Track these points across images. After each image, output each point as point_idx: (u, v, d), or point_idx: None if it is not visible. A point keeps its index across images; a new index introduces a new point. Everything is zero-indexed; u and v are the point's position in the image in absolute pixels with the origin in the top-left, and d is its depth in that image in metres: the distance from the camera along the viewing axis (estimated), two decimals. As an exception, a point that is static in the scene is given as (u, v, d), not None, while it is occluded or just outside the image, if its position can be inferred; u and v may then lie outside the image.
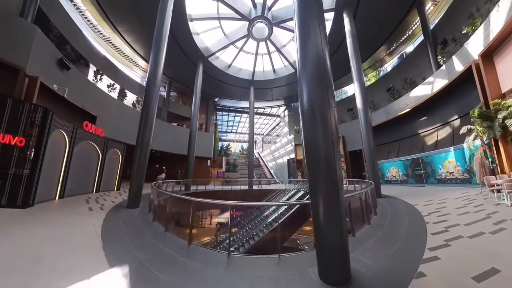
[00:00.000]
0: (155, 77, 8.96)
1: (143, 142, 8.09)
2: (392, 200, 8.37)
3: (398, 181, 14.09)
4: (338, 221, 2.76)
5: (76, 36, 13.65)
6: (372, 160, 9.75)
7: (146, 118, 8.31)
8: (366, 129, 10.06)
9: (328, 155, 2.92)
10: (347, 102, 22.44)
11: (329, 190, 2.87)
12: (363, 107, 10.27)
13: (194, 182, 17.20)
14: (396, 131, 15.29)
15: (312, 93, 3.31)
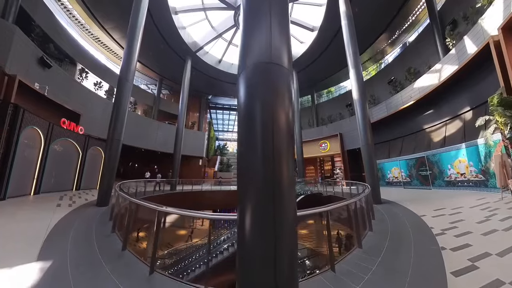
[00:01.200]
0: (128, 72, 8.68)
1: (113, 139, 7.95)
2: (393, 207, 6.94)
3: (401, 183, 12.63)
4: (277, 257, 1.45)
5: (60, 35, 13.32)
6: (370, 160, 8.34)
7: (117, 114, 8.11)
8: (363, 123, 8.64)
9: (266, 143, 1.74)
10: (346, 98, 20.99)
11: (267, 206, 1.57)
12: (360, 98, 8.86)
13: (180, 182, 16.60)
14: (398, 127, 13.82)
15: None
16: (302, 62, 18.46)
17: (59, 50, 13.08)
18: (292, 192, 1.77)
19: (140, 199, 4.08)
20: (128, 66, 8.78)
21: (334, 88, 25.13)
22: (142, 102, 23.56)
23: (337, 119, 20.89)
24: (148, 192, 11.91)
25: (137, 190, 10.43)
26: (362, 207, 4.73)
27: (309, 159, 22.93)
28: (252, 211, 1.66)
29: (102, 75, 17.63)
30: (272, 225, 1.58)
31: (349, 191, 10.05)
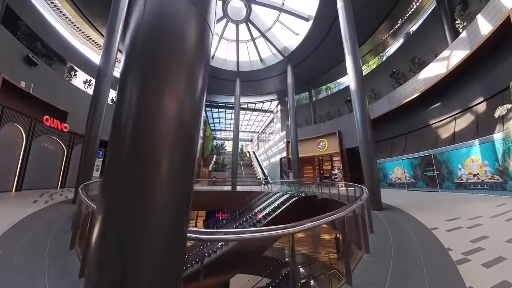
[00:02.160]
0: (107, 67, 8.56)
1: (90, 135, 7.90)
2: (396, 216, 5.82)
3: (404, 184, 11.47)
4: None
5: (48, 33, 13.16)
6: (370, 159, 7.23)
7: (94, 110, 8.07)
8: (361, 116, 7.54)
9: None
10: (345, 93, 19.78)
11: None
12: (358, 88, 7.76)
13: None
14: (401, 123, 12.65)
15: None
16: (298, 55, 17.32)
17: (47, 48, 12.90)
18: (182, 201, 1.46)
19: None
20: (107, 61, 8.59)
21: (333, 84, 23.95)
22: None
23: (336, 116, 19.71)
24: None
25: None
26: (355, 221, 3.65)
27: (307, 158, 21.81)
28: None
29: (92, 73, 16.88)
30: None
31: (346, 193, 8.90)
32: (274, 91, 24.46)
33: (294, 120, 16.48)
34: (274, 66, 18.93)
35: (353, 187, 8.12)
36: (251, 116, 34.58)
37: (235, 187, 16.90)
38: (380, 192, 6.88)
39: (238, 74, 19.99)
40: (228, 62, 20.43)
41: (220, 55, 20.50)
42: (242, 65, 20.21)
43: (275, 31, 17.43)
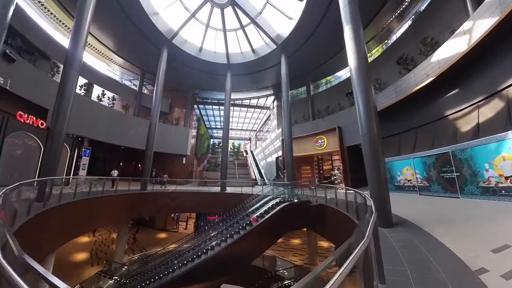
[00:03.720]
0: (74, 59, 8.19)
1: (55, 131, 7.67)
2: (415, 239, 4.06)
3: (415, 188, 9.67)
4: None
5: (29, 29, 12.77)
6: (375, 157, 5.57)
7: (60, 105, 7.81)
8: (363, 101, 5.91)
9: None
10: (345, 85, 18.00)
11: None
12: (358, 65, 6.17)
13: (155, 181, 15.54)
14: (410, 116, 10.84)
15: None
16: (292, 43, 15.60)
17: (29, 44, 12.68)
18: None
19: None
20: (74, 53, 8.19)
21: (333, 78, 22.13)
22: (123, 98, 21.65)
23: (336, 110, 17.93)
24: (96, 192, 10.13)
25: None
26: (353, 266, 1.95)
27: (305, 158, 20.05)
28: None
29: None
30: None
31: (345, 198, 7.11)
32: (270, 85, 22.78)
33: (288, 115, 14.76)
34: (268, 56, 17.25)
35: (352, 191, 6.42)
36: (247, 113, 33.00)
37: (224, 189, 15.30)
38: (389, 200, 5.17)
39: (228, 67, 18.37)
40: (218, 55, 18.83)
41: (209, 47, 18.92)
42: (233, 57, 18.59)
43: (266, 15, 15.70)
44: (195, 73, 20.22)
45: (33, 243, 5.88)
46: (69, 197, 8.07)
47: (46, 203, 6.79)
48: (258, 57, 17.74)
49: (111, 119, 16.80)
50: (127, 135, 17.55)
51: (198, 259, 8.38)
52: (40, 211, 6.18)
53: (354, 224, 5.23)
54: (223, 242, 8.52)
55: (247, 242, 8.52)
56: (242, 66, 18.79)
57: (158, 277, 8.73)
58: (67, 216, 7.76)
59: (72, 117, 13.03)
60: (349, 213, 5.97)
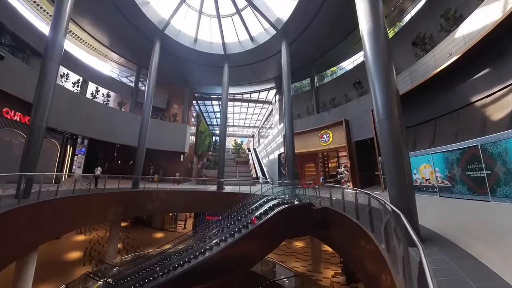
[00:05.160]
0: (53, 50, 7.97)
1: (34, 125, 7.48)
2: (452, 261, 2.86)
3: (435, 189, 8.27)
4: None
5: (20, 26, 12.77)
6: (397, 149, 4.14)
7: (38, 99, 7.60)
8: (381, 79, 4.50)
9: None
10: (353, 75, 16.47)
11: None
12: (373, 28, 4.77)
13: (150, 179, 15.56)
14: (428, 105, 9.35)
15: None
16: (294, 27, 14.16)
17: (19, 41, 12.80)
18: None
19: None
20: (54, 43, 7.99)
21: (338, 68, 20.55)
22: (119, 94, 21.10)
23: (343, 102, 16.44)
24: (83, 190, 10.17)
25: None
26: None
27: (308, 154, 18.81)
28: None
29: (72, 68, 16.89)
30: None
31: (355, 200, 5.77)
32: (271, 77, 21.42)
33: (289, 107, 13.46)
34: (268, 44, 15.88)
35: (363, 195, 5.18)
36: (248, 109, 31.77)
37: (221, 188, 14.36)
38: (415, 208, 3.89)
39: (226, 58, 17.20)
40: (215, 46, 17.69)
41: (205, 37, 17.80)
42: (230, 46, 17.40)
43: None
44: (191, 66, 19.24)
45: (10, 236, 6.04)
46: (52, 195, 7.85)
47: (21, 200, 6.49)
48: (257, 45, 16.40)
49: (105, 116, 16.28)
50: (122, 132, 16.95)
51: (188, 264, 7.81)
52: (12, 208, 6.03)
53: (367, 236, 4.13)
54: (215, 246, 7.83)
55: (239, 249, 7.61)
56: (241, 57, 17.53)
57: (148, 280, 8.20)
58: (46, 214, 7.55)
59: (65, 114, 13.19)
60: (361, 221, 4.80)
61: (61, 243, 14.55)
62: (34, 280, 7.94)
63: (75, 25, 15.71)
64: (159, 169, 18.74)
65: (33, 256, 7.64)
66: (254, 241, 7.82)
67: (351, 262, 6.39)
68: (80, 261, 12.45)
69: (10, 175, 7.19)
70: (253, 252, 8.14)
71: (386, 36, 4.82)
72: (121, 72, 24.38)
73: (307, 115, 19.57)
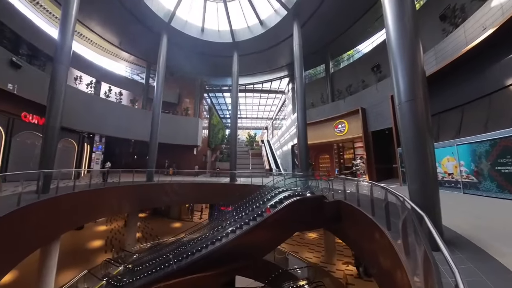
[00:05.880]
0: (62, 54, 8.36)
1: (48, 126, 7.96)
2: (479, 270, 2.47)
3: (458, 184, 7.48)
4: None
5: (34, 34, 13.44)
6: (420, 137, 3.52)
7: (51, 101, 8.05)
8: (403, 55, 3.75)
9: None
10: (371, 58, 15.31)
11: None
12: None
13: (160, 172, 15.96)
14: (455, 90, 8.37)
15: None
16: (306, 6, 13.18)
17: (34, 49, 13.49)
18: None
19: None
20: (62, 47, 8.37)
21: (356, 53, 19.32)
22: (131, 92, 21.77)
23: (360, 88, 15.44)
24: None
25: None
26: None
27: (323, 145, 18.22)
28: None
29: (84, 69, 17.74)
30: None
31: (370, 194, 5.38)
32: (284, 64, 20.62)
33: (302, 94, 12.82)
34: (278, 27, 15.01)
35: (381, 190, 4.79)
36: (261, 99, 31.20)
37: (234, 180, 14.46)
38: (439, 206, 3.40)
39: (235, 47, 16.74)
40: (223, 34, 17.28)
41: (212, 26, 17.40)
42: (239, 33, 16.84)
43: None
44: (200, 57, 19.07)
45: (33, 227, 6.60)
46: (70, 190, 8.53)
47: (40, 195, 7.09)
48: (267, 29, 15.57)
49: (119, 114, 16.98)
50: (136, 128, 17.57)
51: (199, 253, 8.16)
52: (32, 202, 6.52)
53: (382, 234, 3.86)
54: (224, 238, 8.03)
55: (249, 239, 7.71)
56: (250, 44, 16.88)
57: (164, 266, 8.65)
58: (64, 207, 8.12)
59: (80, 115, 13.97)
60: (376, 217, 4.53)
61: (84, 233, 15.76)
62: (59, 266, 8.66)
63: (85, 28, 16.34)
64: (173, 163, 19.24)
65: (55, 245, 8.32)
66: (264, 232, 7.81)
67: (364, 257, 6.16)
68: (101, 249, 13.40)
69: (28, 172, 7.74)
70: (262, 243, 8.19)
71: (413, 3, 3.99)
72: (133, 70, 25.03)
73: (321, 104, 18.78)
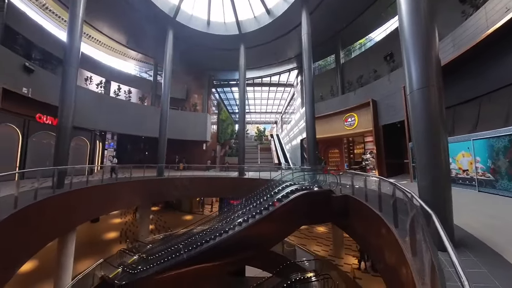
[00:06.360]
0: (70, 57, 8.64)
1: (61, 126, 8.37)
2: (492, 274, 2.35)
3: (473, 182, 7.01)
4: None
5: (44, 39, 14.04)
6: (432, 129, 3.30)
7: (63, 102, 8.47)
8: (415, 34, 3.53)
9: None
10: (383, 46, 14.49)
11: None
12: None
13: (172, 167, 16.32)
14: (472, 80, 7.70)
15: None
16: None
17: (46, 53, 14.18)
18: None
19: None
20: (71, 50, 8.64)
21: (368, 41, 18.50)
22: (140, 90, 22.30)
23: (371, 80, 14.72)
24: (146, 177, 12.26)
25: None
26: None
27: (332, 139, 17.94)
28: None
29: (92, 69, 18.27)
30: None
31: (378, 189, 5.26)
32: (292, 56, 20.11)
33: (310, 87, 12.36)
34: (286, 15, 14.50)
35: (389, 186, 4.65)
36: (269, 93, 30.87)
37: (242, 174, 14.61)
38: (451, 204, 3.21)
39: (241, 39, 16.47)
40: (229, 26, 17.04)
41: (218, 18, 17.19)
42: (245, 24, 16.51)
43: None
44: (207, 52, 18.97)
45: (49, 219, 7.10)
46: (84, 185, 9.07)
47: (55, 190, 7.48)
48: (275, 18, 15.07)
49: (128, 112, 17.51)
50: (145, 125, 18.02)
51: (207, 244, 8.41)
52: (47, 196, 6.94)
53: (389, 231, 3.79)
54: (231, 230, 8.21)
55: (254, 231, 7.91)
56: (257, 35, 16.47)
57: (175, 255, 8.96)
58: (78, 201, 8.63)
59: (91, 114, 14.57)
60: (384, 214, 4.48)
61: (100, 225, 16.65)
62: (78, 256, 9.27)
63: (94, 29, 16.85)
64: (183, 158, 19.67)
65: (72, 235, 8.95)
66: (270, 225, 7.94)
67: (371, 253, 6.14)
68: (116, 240, 14.10)
69: (43, 169, 8.10)
70: (268, 235, 8.36)
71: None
72: (141, 68, 25.53)
73: (331, 97, 18.31)
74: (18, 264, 5.99)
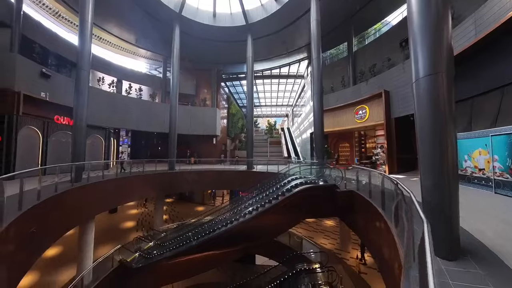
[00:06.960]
0: (82, 61, 9.09)
1: (76, 125, 8.98)
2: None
3: (489, 182, 6.38)
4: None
5: (59, 45, 14.83)
6: (440, 123, 2.94)
7: (77, 102, 8.94)
8: (423, 18, 3.11)
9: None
10: (399, 31, 13.44)
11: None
12: None
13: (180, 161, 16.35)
14: (493, 67, 6.90)
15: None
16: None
17: (60, 58, 14.97)
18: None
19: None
20: (82, 52, 9.09)
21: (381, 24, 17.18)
22: (150, 87, 22.70)
23: (384, 69, 13.74)
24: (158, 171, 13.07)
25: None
26: None
27: (342, 133, 17.44)
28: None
29: (104, 70, 19.04)
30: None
31: (381, 185, 5.09)
32: (302, 45, 19.23)
33: (318, 76, 11.75)
34: (294, 0, 13.72)
35: (389, 181, 4.50)
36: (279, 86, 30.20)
37: (251, 167, 14.75)
38: (457, 206, 2.91)
39: (248, 29, 16.07)
40: (236, 17, 16.63)
41: (224, 9, 16.79)
42: (252, 14, 15.97)
43: None
44: (214, 45, 18.74)
45: (69, 209, 7.73)
46: (100, 179, 9.76)
47: (74, 184, 8.24)
48: (282, 4, 14.36)
49: (140, 109, 18.13)
50: (157, 121, 18.59)
51: (213, 233, 8.80)
52: (67, 189, 7.62)
53: (388, 230, 3.77)
54: (235, 220, 8.50)
55: (258, 222, 8.17)
56: (265, 24, 15.88)
57: (186, 242, 9.49)
58: (95, 193, 9.33)
59: (105, 113, 15.40)
60: (386, 212, 4.40)
61: (118, 215, 17.82)
62: (97, 243, 9.97)
63: (104, 31, 17.47)
64: (194, 153, 20.16)
65: (91, 224, 9.74)
66: (273, 216, 8.12)
67: (372, 251, 6.07)
68: (133, 229, 15.07)
69: (62, 165, 8.67)
70: (272, 226, 8.61)
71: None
72: (151, 66, 25.94)
73: (342, 88, 17.66)
74: (42, 248, 6.60)
